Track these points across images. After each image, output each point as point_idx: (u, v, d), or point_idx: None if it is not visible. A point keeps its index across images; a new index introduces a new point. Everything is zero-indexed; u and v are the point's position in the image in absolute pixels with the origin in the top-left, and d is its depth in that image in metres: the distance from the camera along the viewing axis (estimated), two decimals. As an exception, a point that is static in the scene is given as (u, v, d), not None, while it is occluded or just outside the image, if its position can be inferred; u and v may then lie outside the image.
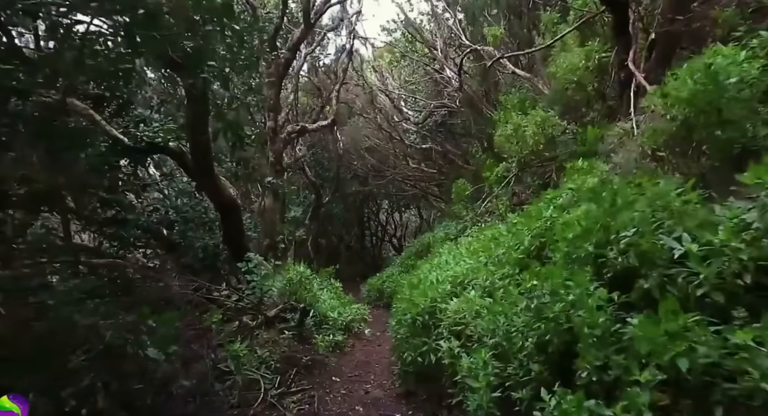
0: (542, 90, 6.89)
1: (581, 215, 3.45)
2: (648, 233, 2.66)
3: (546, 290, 3.20)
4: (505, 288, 4.28)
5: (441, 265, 6.67)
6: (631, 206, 2.93)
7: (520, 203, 7.99)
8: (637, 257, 2.68)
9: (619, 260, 2.84)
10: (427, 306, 4.94)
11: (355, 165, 17.44)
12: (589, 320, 2.59)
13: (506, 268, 4.63)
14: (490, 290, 4.77)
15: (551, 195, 4.59)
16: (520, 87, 7.96)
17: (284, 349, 5.92)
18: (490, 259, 5.29)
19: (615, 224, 3.01)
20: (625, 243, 2.77)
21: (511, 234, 5.17)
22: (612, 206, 3.30)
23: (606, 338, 2.51)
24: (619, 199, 3.08)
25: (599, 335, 2.52)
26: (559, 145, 5.88)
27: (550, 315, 2.96)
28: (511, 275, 4.50)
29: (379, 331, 9.60)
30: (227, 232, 7.36)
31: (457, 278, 5.44)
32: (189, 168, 6.79)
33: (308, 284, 7.62)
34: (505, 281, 4.51)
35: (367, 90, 13.39)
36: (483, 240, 6.43)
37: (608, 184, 3.65)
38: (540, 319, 3.08)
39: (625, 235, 2.77)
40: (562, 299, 2.95)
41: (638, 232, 2.72)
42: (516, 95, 7.47)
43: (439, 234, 12.49)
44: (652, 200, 2.86)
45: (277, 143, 8.36)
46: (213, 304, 5.49)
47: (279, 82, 8.46)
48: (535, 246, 4.29)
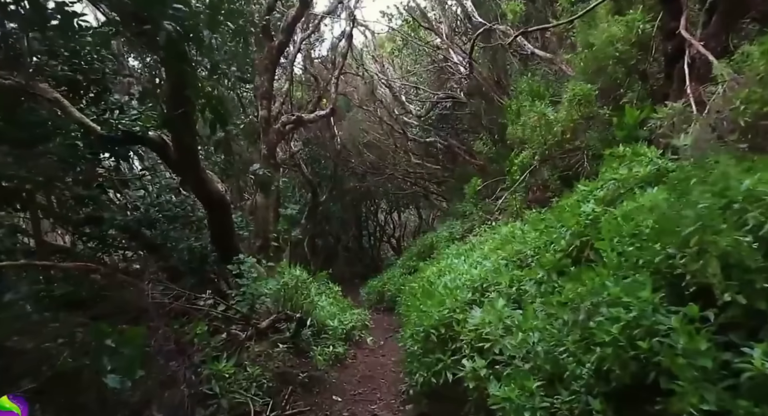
0: (566, 72, 6.25)
1: (644, 210, 2.80)
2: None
3: (597, 301, 2.56)
4: (541, 297, 3.63)
5: (452, 267, 6.01)
6: (725, 196, 2.28)
7: (536, 200, 7.36)
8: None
9: (697, 267, 2.19)
10: (443, 317, 4.28)
11: (352, 162, 16.74)
12: (685, 347, 1.93)
13: (537, 272, 3.98)
14: (516, 299, 4.13)
15: (589, 187, 3.94)
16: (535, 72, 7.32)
17: (278, 364, 5.24)
18: (512, 261, 4.64)
19: (693, 219, 2.36)
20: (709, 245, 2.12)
21: (538, 232, 4.52)
22: (683, 197, 2.66)
23: (712, 374, 1.86)
24: (703, 188, 2.42)
25: (701, 369, 1.87)
26: (591, 131, 5.23)
27: (607, 337, 2.30)
28: (545, 280, 3.85)
29: (381, 338, 8.94)
30: (215, 232, 6.66)
31: (475, 282, 4.79)
32: (171, 161, 6.08)
33: (305, 289, 6.94)
34: (537, 288, 3.87)
35: (367, 80, 12.70)
36: (500, 239, 5.78)
37: (678, 171, 3.00)
38: (595, 342, 2.42)
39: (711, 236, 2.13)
40: (619, 316, 2.29)
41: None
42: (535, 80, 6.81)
43: (442, 234, 11.83)
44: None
45: (270, 135, 7.65)
46: (197, 313, 4.79)
47: (272, 68, 7.75)
48: (574, 247, 3.64)
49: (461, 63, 9.17)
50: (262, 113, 7.61)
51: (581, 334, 2.58)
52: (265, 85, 7.55)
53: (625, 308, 2.28)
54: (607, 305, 2.41)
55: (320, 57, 13.47)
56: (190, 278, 7.05)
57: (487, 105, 8.76)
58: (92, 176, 6.86)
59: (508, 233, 5.52)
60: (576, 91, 5.08)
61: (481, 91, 8.94)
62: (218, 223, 6.57)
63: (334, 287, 9.36)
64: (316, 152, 16.48)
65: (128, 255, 7.50)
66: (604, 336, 2.29)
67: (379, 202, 22.46)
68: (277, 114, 8.38)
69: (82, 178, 6.92)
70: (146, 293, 4.14)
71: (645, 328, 2.18)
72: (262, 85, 7.59)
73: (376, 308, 12.72)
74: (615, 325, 2.27)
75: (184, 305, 4.47)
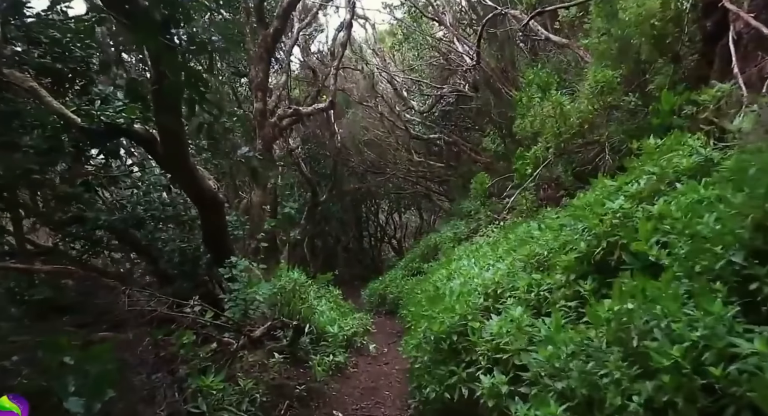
0: (583, 58, 5.83)
1: (692, 206, 2.39)
2: None
3: (650, 317, 2.15)
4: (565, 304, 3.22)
5: (462, 270, 5.60)
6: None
7: (547, 198, 6.95)
8: None
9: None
10: (455, 324, 3.87)
11: (353, 161, 16.33)
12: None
13: (557, 276, 3.58)
14: (536, 305, 3.72)
15: (617, 182, 3.52)
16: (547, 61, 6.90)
17: (273, 376, 4.82)
18: (529, 263, 4.23)
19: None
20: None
21: (554, 232, 4.10)
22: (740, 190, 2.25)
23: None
24: None
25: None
26: (613, 122, 4.81)
27: (666, 361, 1.88)
28: (566, 285, 3.44)
29: (383, 344, 8.52)
30: (207, 232, 6.25)
31: (488, 287, 4.39)
32: (159, 156, 5.67)
33: (303, 293, 6.53)
34: (558, 293, 3.46)
35: (367, 74, 12.28)
36: (514, 240, 5.37)
37: (733, 160, 2.59)
38: (649, 367, 2.00)
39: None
40: (682, 334, 1.88)
41: None
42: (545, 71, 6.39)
43: (446, 234, 11.43)
44: None
45: (266, 129, 7.22)
46: (184, 321, 4.37)
47: (268, 57, 7.31)
48: (600, 249, 3.22)
49: (467, 53, 8.74)
50: (257, 105, 7.18)
51: (628, 355, 2.16)
52: (260, 75, 7.12)
53: (689, 325, 1.87)
54: (663, 322, 1.99)
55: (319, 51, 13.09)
56: (182, 282, 6.66)
57: (495, 98, 8.35)
58: (78, 173, 6.47)
59: (523, 233, 5.11)
60: (598, 77, 4.66)
61: (488, 84, 8.52)
62: (210, 223, 6.17)
63: (334, 290, 8.92)
64: (315, 151, 16.09)
65: (117, 257, 7.09)
66: (662, 360, 1.88)
67: (379, 202, 22.07)
68: (273, 108, 7.97)
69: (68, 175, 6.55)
70: (125, 299, 3.72)
71: (717, 351, 1.77)
72: (256, 76, 7.16)
73: (377, 311, 12.33)
74: (676, 346, 1.85)
75: (167, 313, 4.05)
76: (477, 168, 11.58)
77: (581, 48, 5.72)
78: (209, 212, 6.09)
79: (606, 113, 4.92)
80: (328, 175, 16.02)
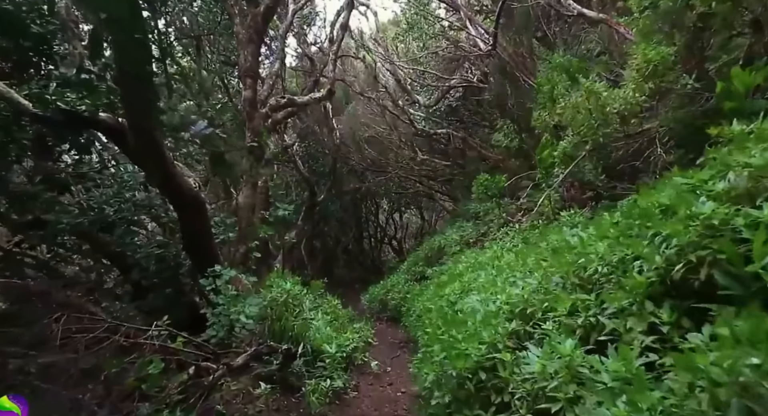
0: (624, 36, 5.04)
1: None
2: None
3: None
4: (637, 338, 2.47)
5: (480, 283, 4.84)
6: None
7: (573, 199, 6.20)
8: None
9: None
10: (482, 357, 3.10)
11: (352, 159, 15.57)
12: None
13: (617, 298, 2.81)
14: (584, 334, 2.96)
15: (695, 178, 2.77)
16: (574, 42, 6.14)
17: (260, 408, 4.08)
18: (570, 279, 3.46)
19: None
20: None
21: (610, 241, 3.32)
22: None
23: None
24: None
25: None
26: (667, 107, 4.06)
27: None
28: (635, 312, 2.68)
29: (386, 356, 7.78)
30: (188, 237, 5.49)
31: (517, 306, 3.63)
32: (130, 149, 4.90)
33: (297, 306, 5.78)
34: (626, 322, 2.69)
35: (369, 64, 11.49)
36: (541, 248, 4.60)
37: None
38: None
39: None
40: None
41: None
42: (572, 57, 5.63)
43: (452, 237, 10.69)
44: None
45: (256, 120, 6.42)
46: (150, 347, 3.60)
47: (258, 39, 6.49)
48: (683, 265, 2.46)
49: (481, 36, 7.97)
50: (246, 94, 6.39)
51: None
52: (249, 59, 6.32)
53: None
54: None
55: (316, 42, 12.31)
56: (161, 292, 5.90)
57: (512, 87, 7.58)
58: (41, 170, 5.70)
59: (557, 240, 4.34)
60: (649, 56, 3.89)
61: (503, 72, 7.74)
62: (191, 226, 5.40)
63: (332, 299, 8.14)
64: (313, 148, 15.32)
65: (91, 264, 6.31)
66: None
67: (380, 202, 21.35)
68: (265, 98, 7.19)
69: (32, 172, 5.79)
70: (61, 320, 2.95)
71: None
72: (245, 60, 6.35)
73: (378, 317, 11.62)
74: None
75: (125, 340, 3.27)
76: (485, 166, 10.84)
77: (621, 24, 4.96)
78: (189, 213, 5.33)
79: (657, 100, 4.17)
80: (327, 173, 15.27)
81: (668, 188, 2.97)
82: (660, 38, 4.01)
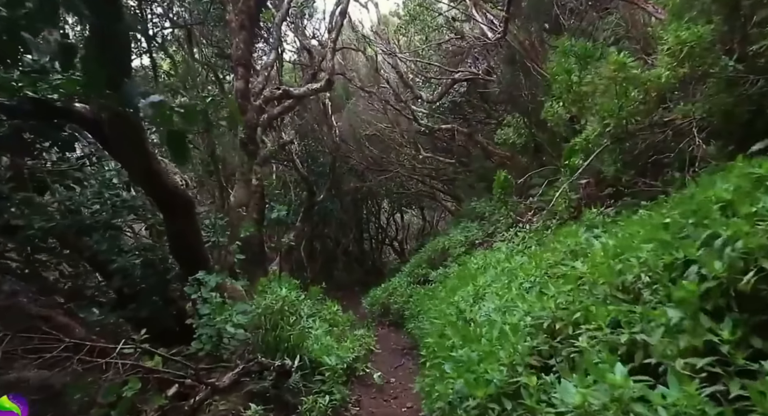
0: (653, 15, 4.61)
1: None
2: None
3: None
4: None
5: (493, 289, 4.40)
6: None
7: (589, 196, 5.76)
8: None
9: None
10: (504, 382, 2.67)
11: (352, 158, 15.14)
12: None
13: (665, 312, 2.38)
14: (626, 353, 2.52)
15: (764, 167, 2.34)
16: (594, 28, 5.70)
17: (250, 432, 3.64)
18: (606, 287, 3.01)
19: None
20: None
21: (655, 244, 2.85)
22: None
23: None
24: None
25: None
26: (709, 89, 3.61)
27: None
28: (689, 329, 2.24)
29: (390, 366, 7.36)
30: (174, 239, 5.06)
31: (541, 318, 3.19)
32: (108, 142, 4.48)
33: (294, 314, 5.35)
34: (677, 341, 2.25)
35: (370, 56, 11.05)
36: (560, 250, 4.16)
37: None
38: None
39: None
40: None
41: None
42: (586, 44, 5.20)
43: (456, 238, 10.25)
44: None
45: (249, 113, 5.98)
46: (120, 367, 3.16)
47: (250, 25, 6.03)
48: (754, 274, 2.03)
49: (489, 24, 7.54)
50: (237, 84, 5.94)
51: None
52: (241, 47, 5.87)
53: None
54: None
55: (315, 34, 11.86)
56: (146, 300, 5.47)
57: (524, 78, 7.13)
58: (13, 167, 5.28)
59: (578, 242, 3.91)
60: (682, 37, 3.46)
61: (514, 62, 7.30)
62: (177, 228, 4.97)
63: (331, 305, 7.70)
64: (312, 147, 14.90)
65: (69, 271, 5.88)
66: None
67: (380, 202, 20.93)
68: (260, 90, 6.74)
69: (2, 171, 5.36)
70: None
71: None
72: (236, 48, 5.90)
73: (380, 321, 11.21)
74: None
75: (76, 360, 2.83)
76: (491, 164, 10.42)
77: (649, 2, 4.53)
78: (176, 214, 4.90)
79: (692, 85, 3.74)
80: (327, 173, 14.86)
81: (729, 179, 2.52)
82: (694, 16, 3.59)
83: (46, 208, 5.34)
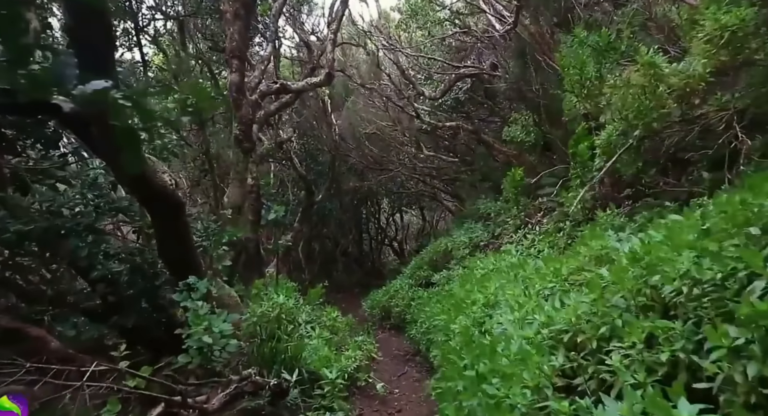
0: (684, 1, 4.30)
1: None
2: None
3: None
4: None
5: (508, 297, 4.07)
6: None
7: (606, 197, 5.44)
8: None
9: None
10: (530, 406, 2.35)
11: (352, 157, 14.80)
12: None
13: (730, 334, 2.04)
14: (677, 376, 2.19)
15: None
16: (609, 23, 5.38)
17: (243, 455, 3.31)
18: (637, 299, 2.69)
19: None
20: None
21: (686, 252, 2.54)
22: None
23: None
24: None
25: None
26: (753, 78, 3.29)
27: None
28: (758, 355, 1.91)
29: (392, 374, 7.04)
30: (163, 243, 4.73)
31: (563, 332, 2.86)
32: (92, 140, 4.15)
33: (292, 320, 5.03)
34: (741, 365, 1.93)
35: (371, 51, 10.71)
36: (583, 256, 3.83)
37: None
38: None
39: None
40: None
41: None
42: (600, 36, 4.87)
43: (460, 239, 9.92)
44: None
45: (244, 108, 5.65)
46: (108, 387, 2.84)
47: (245, 14, 5.70)
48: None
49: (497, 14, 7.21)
50: (232, 77, 5.60)
51: None
52: (236, 38, 5.53)
53: None
54: None
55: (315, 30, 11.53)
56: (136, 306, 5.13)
57: (535, 71, 6.80)
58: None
59: (600, 247, 3.58)
60: (722, 21, 3.13)
61: (523, 55, 6.98)
62: (166, 231, 4.64)
63: (331, 310, 7.37)
64: (311, 145, 14.56)
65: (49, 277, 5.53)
66: None
67: (380, 202, 20.59)
68: (256, 85, 6.41)
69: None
70: None
71: None
72: (231, 39, 5.57)
73: (381, 325, 10.89)
74: None
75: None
76: (495, 163, 10.09)
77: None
78: (164, 216, 4.56)
79: (731, 75, 3.42)
80: (326, 172, 14.52)
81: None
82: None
83: (27, 210, 5.01)
